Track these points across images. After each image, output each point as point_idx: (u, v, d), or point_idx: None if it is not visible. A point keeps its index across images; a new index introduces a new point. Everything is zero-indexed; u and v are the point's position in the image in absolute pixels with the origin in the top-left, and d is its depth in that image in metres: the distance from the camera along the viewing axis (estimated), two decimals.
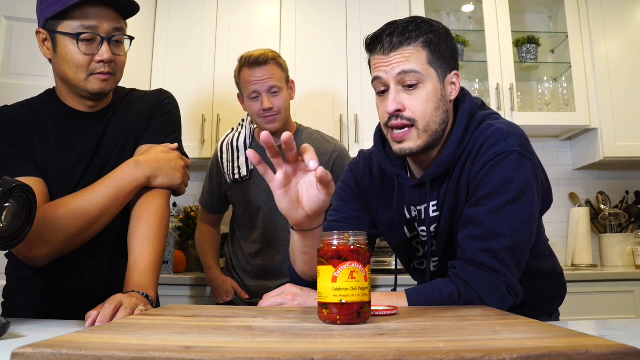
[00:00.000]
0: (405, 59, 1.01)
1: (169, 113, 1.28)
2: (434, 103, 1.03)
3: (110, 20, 1.11)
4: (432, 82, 1.03)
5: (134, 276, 1.06)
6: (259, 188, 1.92)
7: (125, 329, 0.65)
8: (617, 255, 2.68)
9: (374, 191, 1.22)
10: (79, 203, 1.07)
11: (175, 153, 1.21)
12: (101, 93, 1.15)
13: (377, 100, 1.08)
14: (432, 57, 1.03)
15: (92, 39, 1.10)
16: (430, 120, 1.03)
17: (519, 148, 0.99)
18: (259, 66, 1.82)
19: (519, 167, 0.98)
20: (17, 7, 2.16)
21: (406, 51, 1.02)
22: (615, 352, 0.49)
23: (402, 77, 1.02)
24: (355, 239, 0.73)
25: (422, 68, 1.02)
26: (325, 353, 0.49)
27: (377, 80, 1.05)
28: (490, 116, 1.09)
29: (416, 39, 1.02)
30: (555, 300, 1.26)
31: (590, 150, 2.74)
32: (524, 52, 2.81)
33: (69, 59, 1.10)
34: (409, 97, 1.02)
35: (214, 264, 2.10)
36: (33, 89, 1.36)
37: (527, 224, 0.99)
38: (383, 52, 1.03)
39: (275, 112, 1.83)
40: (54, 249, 1.06)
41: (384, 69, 1.03)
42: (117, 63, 1.14)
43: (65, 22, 1.09)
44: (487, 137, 1.02)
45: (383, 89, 1.05)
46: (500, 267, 0.96)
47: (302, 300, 0.98)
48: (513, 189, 0.97)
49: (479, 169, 1.01)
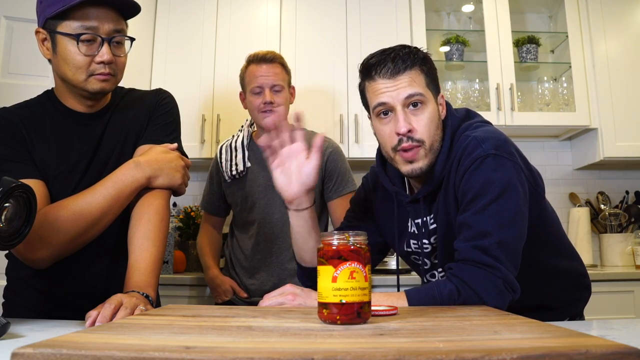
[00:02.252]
0: (411, 81, 1.07)
1: (168, 113, 1.28)
2: (435, 123, 1.10)
3: (111, 21, 1.10)
4: (432, 103, 1.10)
5: (134, 276, 1.06)
6: (254, 183, 1.98)
7: (125, 329, 0.65)
8: (617, 255, 2.68)
9: (378, 204, 1.30)
10: (80, 204, 1.07)
11: (175, 153, 1.21)
12: (101, 92, 1.15)
13: (380, 123, 1.11)
14: (428, 79, 1.11)
15: (93, 40, 1.09)
16: (433, 139, 1.10)
17: (494, 150, 1.03)
18: (266, 63, 1.91)
19: (496, 168, 1.02)
20: (17, 7, 2.16)
21: (410, 74, 1.08)
22: (615, 352, 0.49)
23: (408, 100, 1.07)
24: (355, 239, 0.73)
25: (424, 90, 1.09)
26: (325, 353, 0.49)
27: (381, 106, 1.09)
28: (471, 126, 1.13)
29: (416, 63, 1.09)
30: (577, 303, 1.27)
31: (590, 150, 2.74)
32: (524, 52, 2.81)
33: (69, 59, 1.10)
34: (415, 119, 1.08)
35: (213, 264, 2.11)
36: (33, 89, 1.36)
37: (513, 219, 1.01)
38: (389, 77, 1.08)
39: (274, 107, 1.89)
40: (56, 251, 1.06)
41: (390, 93, 1.07)
42: (117, 64, 1.14)
43: (65, 22, 1.08)
44: (464, 148, 1.07)
45: (385, 111, 1.09)
46: (494, 263, 0.97)
47: (303, 300, 0.99)
48: (494, 188, 1.01)
49: (460, 178, 1.06)
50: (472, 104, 2.79)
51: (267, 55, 1.91)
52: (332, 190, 1.97)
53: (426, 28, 2.70)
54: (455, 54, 2.82)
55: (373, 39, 2.65)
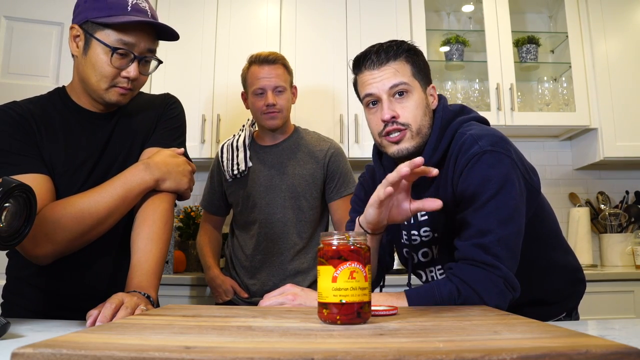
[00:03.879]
0: (395, 72, 1.12)
1: (176, 117, 1.29)
2: (422, 109, 1.13)
3: (147, 41, 1.12)
4: (418, 91, 1.14)
5: (136, 277, 1.06)
6: (256, 183, 1.97)
7: (125, 329, 0.65)
8: (617, 255, 2.68)
9: None
10: (87, 203, 1.07)
11: (183, 158, 1.23)
12: (116, 104, 1.17)
13: (368, 113, 1.17)
14: (414, 70, 1.15)
15: (126, 55, 1.10)
16: (420, 124, 1.13)
17: (491, 147, 1.04)
18: (268, 64, 1.91)
19: (493, 164, 1.03)
20: (17, 7, 2.16)
21: (394, 65, 1.12)
22: (615, 352, 0.49)
23: (393, 90, 1.12)
24: (355, 239, 0.73)
25: (409, 80, 1.13)
26: (325, 353, 0.49)
27: (368, 97, 1.14)
28: (465, 122, 1.14)
29: (400, 54, 1.13)
30: (574, 296, 1.27)
31: (590, 150, 2.74)
32: (524, 52, 2.81)
33: (98, 66, 1.10)
34: (400, 106, 1.12)
35: (214, 264, 2.11)
36: (33, 89, 1.36)
37: (512, 215, 1.01)
38: (373, 67, 1.13)
39: (277, 109, 1.90)
40: (59, 248, 1.06)
41: (376, 84, 1.12)
42: (138, 81, 1.16)
43: (105, 31, 1.08)
44: (460, 145, 1.08)
45: (374, 102, 1.14)
46: (494, 261, 0.98)
47: (303, 300, 1.00)
48: (492, 185, 1.01)
49: (458, 176, 1.07)
50: (472, 104, 2.79)
51: (270, 56, 1.91)
52: (334, 191, 1.97)
53: (426, 28, 2.70)
54: (455, 54, 2.82)
55: (373, 39, 2.60)
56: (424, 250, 1.19)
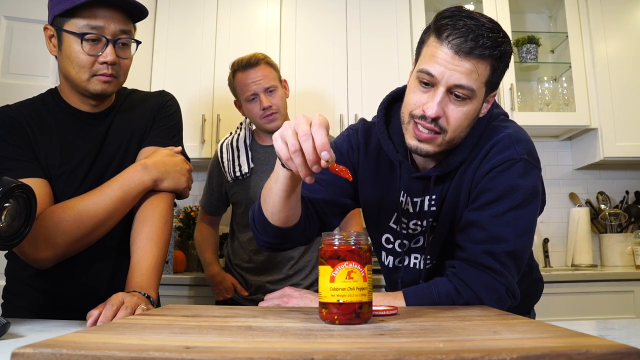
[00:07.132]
0: (472, 72, 0.94)
1: (172, 115, 1.28)
2: (470, 120, 1.00)
3: (118, 22, 1.10)
4: (478, 101, 0.99)
5: (136, 277, 1.06)
6: (259, 185, 1.96)
7: (125, 329, 0.65)
8: (617, 255, 2.68)
9: (366, 165, 1.16)
10: (86, 205, 1.07)
11: (181, 157, 1.22)
12: (102, 94, 1.15)
13: (415, 84, 0.99)
14: (491, 76, 0.98)
15: (97, 40, 1.09)
16: (458, 135, 1.00)
17: (527, 156, 1.00)
18: (251, 67, 1.87)
19: (525, 174, 0.99)
20: (17, 7, 2.16)
21: (477, 63, 0.94)
22: (615, 352, 0.49)
23: (456, 89, 0.95)
24: (355, 239, 0.73)
25: (478, 87, 0.96)
26: (325, 353, 0.49)
27: (425, 74, 0.96)
28: (499, 117, 1.09)
29: (490, 55, 0.95)
30: (534, 297, 1.27)
31: (590, 150, 2.74)
32: (524, 52, 2.80)
33: (73, 57, 1.09)
34: (452, 108, 0.97)
35: (214, 260, 2.10)
36: (33, 89, 1.36)
37: (529, 230, 1.00)
38: (454, 50, 0.93)
39: (274, 110, 1.88)
40: (60, 251, 1.06)
41: (443, 70, 0.94)
42: (121, 66, 1.14)
43: (72, 20, 1.08)
44: (495, 141, 1.01)
45: (427, 81, 0.97)
46: (500, 268, 0.97)
47: (296, 302, 1.00)
48: (518, 195, 0.98)
49: (484, 173, 1.01)
50: None
51: (251, 59, 1.88)
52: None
53: None
54: None
55: (373, 39, 2.64)
56: (417, 238, 1.14)
